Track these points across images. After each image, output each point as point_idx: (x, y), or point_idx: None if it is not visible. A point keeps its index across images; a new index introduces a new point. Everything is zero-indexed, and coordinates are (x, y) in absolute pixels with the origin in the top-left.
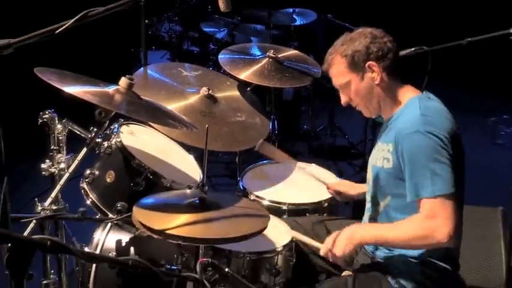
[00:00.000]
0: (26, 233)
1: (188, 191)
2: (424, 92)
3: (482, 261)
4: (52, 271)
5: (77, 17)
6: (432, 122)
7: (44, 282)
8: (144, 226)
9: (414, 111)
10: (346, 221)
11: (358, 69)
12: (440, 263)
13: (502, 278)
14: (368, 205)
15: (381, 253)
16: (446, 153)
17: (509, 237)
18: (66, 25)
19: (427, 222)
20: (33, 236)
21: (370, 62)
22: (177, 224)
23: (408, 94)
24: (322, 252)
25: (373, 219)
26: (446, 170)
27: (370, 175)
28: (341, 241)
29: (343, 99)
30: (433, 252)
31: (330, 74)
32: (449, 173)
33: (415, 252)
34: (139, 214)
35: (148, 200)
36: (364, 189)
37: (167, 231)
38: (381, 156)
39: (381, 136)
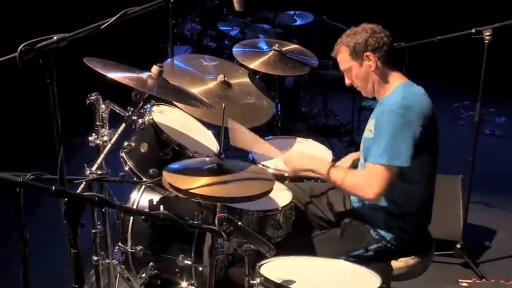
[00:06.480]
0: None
1: (207, 158)
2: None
3: (445, 219)
4: (99, 223)
5: (118, 15)
6: (408, 105)
7: (93, 231)
8: (172, 186)
9: (398, 94)
10: None
11: (358, 57)
12: (415, 220)
13: (459, 232)
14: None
15: (366, 209)
16: (411, 133)
17: (467, 200)
18: (109, 22)
19: (365, 178)
20: (84, 193)
21: (367, 53)
22: (199, 184)
23: (397, 80)
24: (283, 162)
25: None
26: (403, 146)
27: (362, 146)
28: (300, 161)
29: (347, 81)
30: (410, 210)
31: (338, 60)
32: (404, 149)
33: (395, 210)
34: (168, 176)
35: (175, 165)
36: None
37: (191, 191)
38: (368, 129)
39: (372, 114)
